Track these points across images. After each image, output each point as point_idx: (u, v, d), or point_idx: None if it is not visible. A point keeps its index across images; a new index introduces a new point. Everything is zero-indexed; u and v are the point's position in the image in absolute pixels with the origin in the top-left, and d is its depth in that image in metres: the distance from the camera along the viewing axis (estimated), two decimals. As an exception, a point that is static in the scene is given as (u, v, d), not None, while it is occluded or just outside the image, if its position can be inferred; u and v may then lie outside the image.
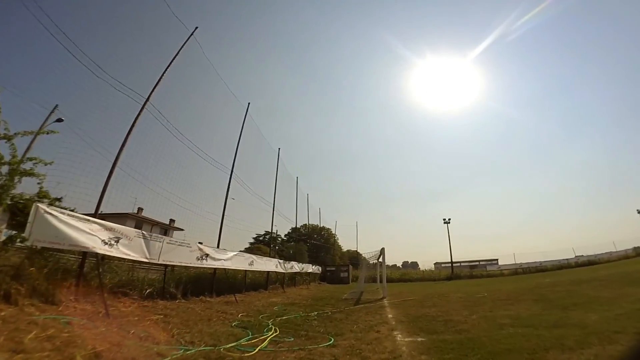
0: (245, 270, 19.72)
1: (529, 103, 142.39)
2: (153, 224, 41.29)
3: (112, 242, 9.41)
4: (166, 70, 13.71)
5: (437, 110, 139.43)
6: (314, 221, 52.37)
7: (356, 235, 68.62)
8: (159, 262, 11.86)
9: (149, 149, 13.65)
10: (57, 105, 12.40)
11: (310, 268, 36.65)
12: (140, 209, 37.34)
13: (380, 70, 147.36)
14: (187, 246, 13.58)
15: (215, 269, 16.03)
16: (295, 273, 30.84)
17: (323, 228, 59.30)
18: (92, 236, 8.65)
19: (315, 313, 12.62)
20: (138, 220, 39.68)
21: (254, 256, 20.16)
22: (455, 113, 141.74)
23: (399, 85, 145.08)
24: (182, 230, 40.32)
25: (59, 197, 9.31)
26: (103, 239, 9.03)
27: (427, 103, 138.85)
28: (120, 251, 9.70)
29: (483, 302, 14.29)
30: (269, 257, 25.54)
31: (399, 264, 78.89)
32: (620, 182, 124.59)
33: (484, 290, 20.84)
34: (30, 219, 7.25)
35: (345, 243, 67.74)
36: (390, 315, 11.57)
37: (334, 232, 61.39)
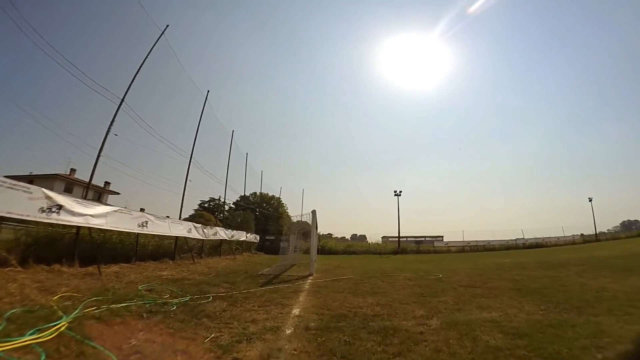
0: (137, 234, 15.27)
1: (489, 80, 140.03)
2: (85, 185, 36.58)
3: None
4: (140, 68, 14.90)
5: (399, 84, 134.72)
6: (264, 190, 51.86)
7: (302, 203, 63.11)
8: None
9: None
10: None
11: (243, 236, 32.32)
12: (72, 170, 37.07)
13: (345, 36, 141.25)
14: (24, 190, 9.35)
15: (88, 229, 12.10)
16: (222, 241, 26.58)
17: (273, 197, 56.19)
18: None
19: (188, 298, 8.45)
20: (68, 182, 38.04)
21: (149, 216, 15.34)
22: (414, 88, 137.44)
23: (363, 55, 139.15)
24: (118, 194, 38.55)
25: None
26: None
27: (390, 76, 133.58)
28: None
29: (441, 288, 10.46)
30: (207, 224, 24.12)
31: (348, 237, 75.62)
32: (574, 169, 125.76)
33: (436, 269, 18.04)
34: None
35: (295, 212, 62.97)
36: (296, 311, 7.20)
37: (284, 203, 57.96)
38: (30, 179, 32.05)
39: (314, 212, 17.32)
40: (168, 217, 18.09)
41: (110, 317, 5.87)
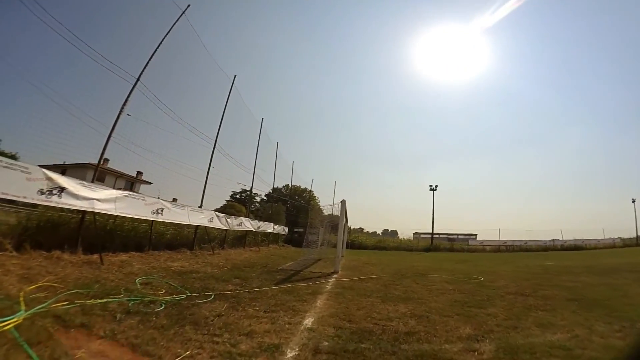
0: (152, 222, 14.33)
1: (531, 81, 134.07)
2: (117, 175, 39.00)
3: None
4: (157, 49, 13.89)
5: (436, 79, 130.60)
6: (295, 182, 49.90)
7: (333, 196, 61.19)
8: None
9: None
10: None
11: (270, 228, 31.16)
12: (106, 160, 33.47)
13: (381, 32, 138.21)
14: (22, 170, 8.45)
15: (93, 214, 11.07)
16: (247, 232, 25.45)
17: (305, 190, 54.80)
18: None
19: (185, 295, 7.23)
20: (100, 172, 35.18)
21: (164, 202, 14.36)
22: (453, 83, 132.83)
23: (398, 49, 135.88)
24: (150, 183, 38.91)
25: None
26: None
27: (426, 70, 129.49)
28: None
29: (486, 296, 8.89)
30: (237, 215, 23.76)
31: (379, 232, 73.75)
32: (615, 171, 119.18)
33: (475, 270, 16.30)
34: None
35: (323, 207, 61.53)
36: (309, 321, 5.76)
37: (316, 196, 56.05)
38: (64, 169, 32.04)
39: (343, 202, 15.64)
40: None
41: (75, 317, 4.76)
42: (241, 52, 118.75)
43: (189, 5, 15.36)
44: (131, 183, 42.56)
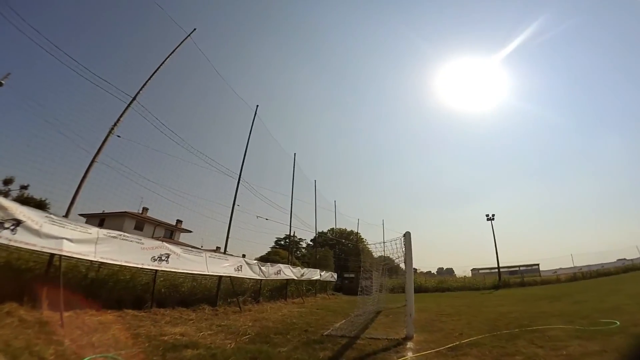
0: (155, 271, 11.37)
1: (562, 105, 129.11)
2: (156, 224, 39.88)
3: None
4: (157, 69, 13.24)
5: (463, 110, 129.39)
6: (340, 224, 45.84)
7: (383, 235, 56.38)
8: None
9: (155, 154, 13.57)
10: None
11: (317, 275, 27.41)
12: (145, 209, 36.47)
13: (402, 69, 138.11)
14: None
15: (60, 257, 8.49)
16: (288, 281, 21.88)
17: (351, 232, 51.39)
18: None
19: None
20: (138, 220, 38.87)
21: (171, 247, 11.48)
22: (481, 113, 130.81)
23: (423, 85, 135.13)
24: (190, 232, 37.93)
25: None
26: None
27: (452, 102, 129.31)
28: None
29: None
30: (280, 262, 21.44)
31: (434, 271, 69.27)
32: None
33: (585, 309, 12.90)
34: None
35: (374, 247, 57.10)
36: None
37: (363, 237, 52.38)
38: (103, 217, 32.06)
39: (407, 235, 11.47)
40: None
41: None
42: (263, 89, 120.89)
43: (194, 29, 15.20)
44: (171, 232, 42.27)
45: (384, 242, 13.20)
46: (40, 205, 8.86)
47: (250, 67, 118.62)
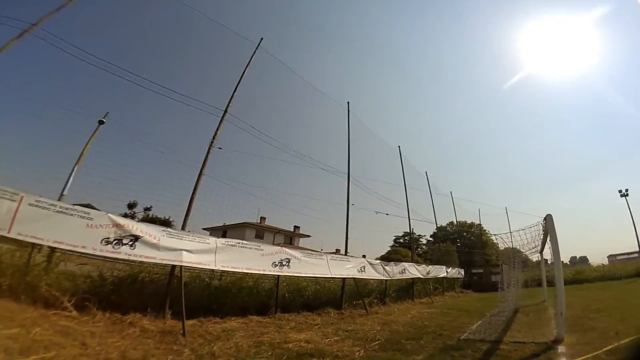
0: (277, 277, 11.24)
1: None
2: (275, 231, 41.28)
3: None
4: (239, 82, 13.33)
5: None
6: (459, 216, 42.05)
7: (508, 225, 50.30)
8: (9, 235, 6.64)
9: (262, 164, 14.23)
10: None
11: (443, 272, 25.71)
12: (262, 218, 38.66)
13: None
14: (81, 216, 7.42)
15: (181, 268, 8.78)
16: (414, 280, 20.66)
17: (472, 224, 47.23)
18: None
19: None
20: (258, 229, 40.37)
21: (291, 251, 11.40)
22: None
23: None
24: (309, 236, 38.71)
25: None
26: None
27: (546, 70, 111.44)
28: None
29: None
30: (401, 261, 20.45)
31: (566, 260, 61.83)
32: None
33: None
34: None
35: (501, 238, 52.34)
36: None
37: (486, 229, 47.50)
38: (225, 229, 33.83)
39: (549, 218, 9.58)
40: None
41: None
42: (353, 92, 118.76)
43: (262, 39, 15.18)
44: (290, 238, 43.19)
45: (520, 229, 11.54)
46: (164, 223, 9.23)
47: (338, 64, 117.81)
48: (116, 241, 7.50)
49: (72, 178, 11.47)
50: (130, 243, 7.66)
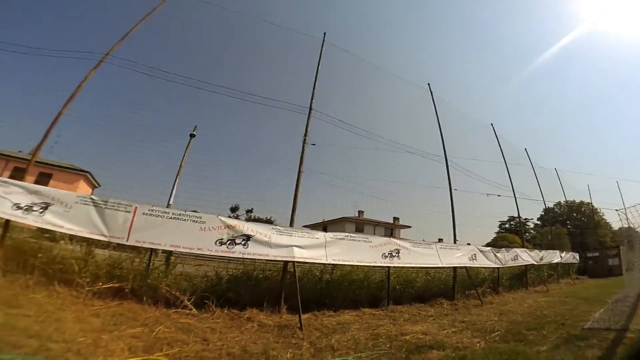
0: (388, 268, 10.92)
1: None
2: (375, 224, 41.44)
3: (35, 207, 7.31)
4: (316, 79, 13.09)
5: None
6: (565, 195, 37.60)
7: (622, 200, 42.80)
8: (128, 243, 7.69)
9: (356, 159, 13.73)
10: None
11: (556, 257, 23.57)
12: (360, 212, 37.60)
13: None
14: (194, 220, 8.06)
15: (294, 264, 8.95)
16: (527, 267, 19.24)
17: (582, 203, 43.79)
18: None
19: None
20: (357, 223, 40.34)
21: (399, 242, 11.12)
22: None
23: None
24: (409, 227, 38.51)
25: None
26: (16, 202, 7.21)
27: None
28: (44, 221, 7.29)
29: None
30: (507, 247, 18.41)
31: None
32: None
33: None
34: None
35: (612, 218, 46.59)
36: None
37: (598, 208, 43.41)
38: (324, 225, 34.45)
39: None
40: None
41: None
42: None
43: (325, 33, 14.63)
44: (390, 230, 42.49)
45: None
46: (267, 222, 9.59)
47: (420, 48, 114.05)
48: (229, 241, 7.98)
49: (175, 189, 12.00)
50: (243, 242, 8.10)
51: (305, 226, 8.53)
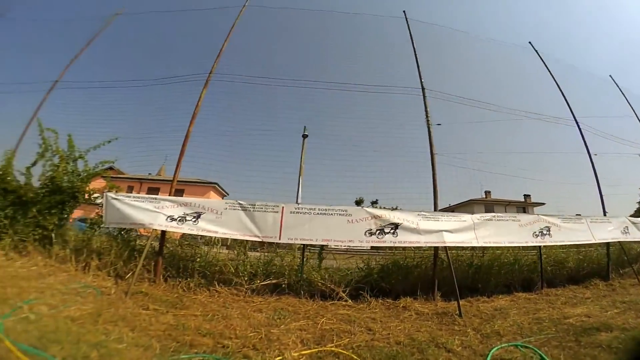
0: (539, 248, 10.24)
1: None
2: (505, 204, 39.83)
3: (187, 218, 8.09)
4: (416, 57, 12.36)
5: None
6: None
7: None
8: (280, 241, 8.15)
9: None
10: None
11: None
12: (487, 192, 36.11)
13: None
14: (341, 214, 8.20)
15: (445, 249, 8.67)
16: None
17: None
18: (154, 213, 8.06)
19: None
20: (486, 204, 39.21)
21: (549, 219, 10.10)
22: None
23: None
24: (543, 204, 35.19)
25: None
26: (170, 215, 8.06)
27: None
28: (199, 228, 8.00)
29: None
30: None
31: None
32: None
33: None
34: (103, 205, 8.36)
35: None
36: None
37: None
38: (452, 209, 32.55)
39: None
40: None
41: None
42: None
43: (404, 11, 13.80)
44: (523, 208, 39.22)
45: None
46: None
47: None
48: (378, 231, 7.94)
49: (300, 188, 12.19)
50: (392, 231, 8.00)
51: (441, 209, 8.26)
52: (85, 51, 13.78)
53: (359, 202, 15.21)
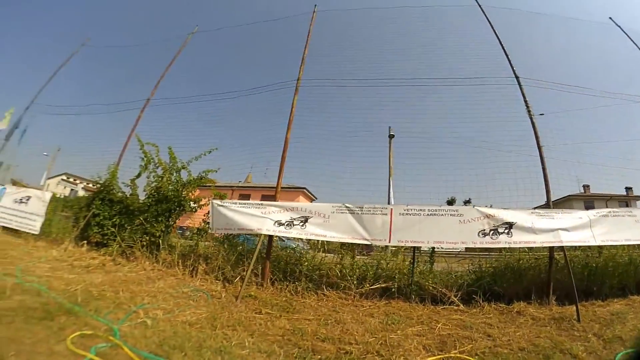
0: None
1: None
2: (607, 198, 36.89)
3: (295, 222, 8.18)
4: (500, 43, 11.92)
5: None
6: None
7: None
8: (390, 244, 8.17)
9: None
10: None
11: None
12: (586, 187, 33.97)
13: None
14: (452, 214, 7.79)
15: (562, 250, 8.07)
16: None
17: None
18: (262, 219, 8.29)
19: None
20: (586, 199, 38.23)
21: None
22: None
23: None
24: None
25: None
26: (277, 220, 8.25)
27: None
28: (307, 232, 8.11)
29: None
30: None
31: None
32: None
33: None
34: (210, 212, 8.95)
35: None
36: None
37: None
38: (549, 207, 31.07)
39: None
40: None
41: None
42: None
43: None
44: (625, 203, 36.95)
45: None
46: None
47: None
48: (492, 231, 7.49)
49: (392, 190, 12.04)
50: (506, 231, 7.51)
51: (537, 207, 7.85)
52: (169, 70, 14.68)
53: (450, 202, 14.74)
